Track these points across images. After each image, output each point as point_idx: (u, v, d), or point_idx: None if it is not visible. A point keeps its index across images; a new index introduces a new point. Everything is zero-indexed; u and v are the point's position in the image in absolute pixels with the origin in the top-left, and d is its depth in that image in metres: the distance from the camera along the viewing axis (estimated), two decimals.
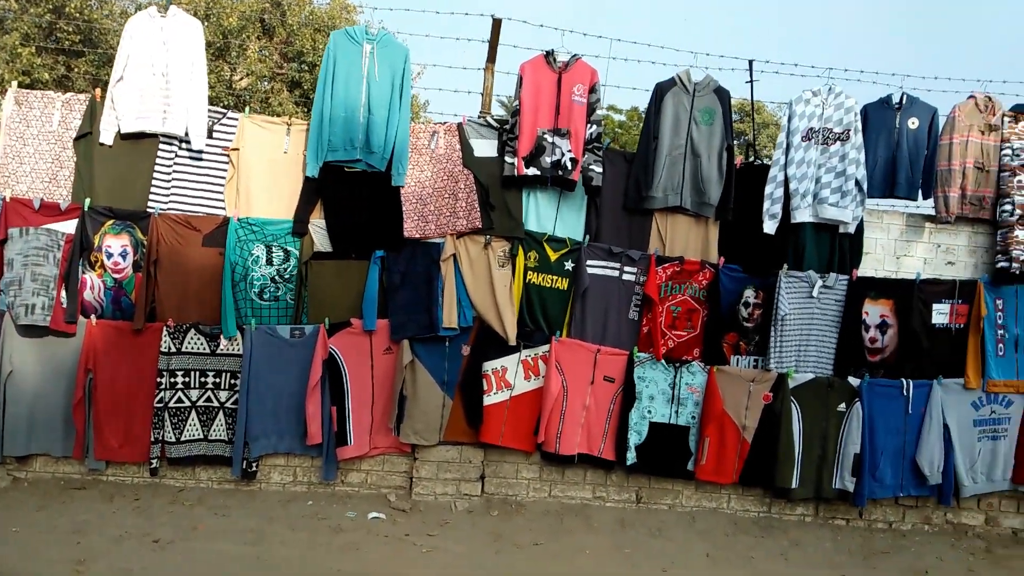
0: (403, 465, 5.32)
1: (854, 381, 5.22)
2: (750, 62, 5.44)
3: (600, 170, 5.18)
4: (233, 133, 5.11)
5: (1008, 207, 5.26)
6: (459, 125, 5.23)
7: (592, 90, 5.23)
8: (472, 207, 5.10)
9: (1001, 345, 5.31)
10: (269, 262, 5.03)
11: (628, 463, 5.21)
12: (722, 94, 5.29)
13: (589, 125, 5.19)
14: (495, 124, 5.25)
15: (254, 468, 5.07)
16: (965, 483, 5.33)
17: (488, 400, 5.19)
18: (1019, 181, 5.25)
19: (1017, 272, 5.19)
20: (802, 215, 5.21)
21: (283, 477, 5.21)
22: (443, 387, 5.17)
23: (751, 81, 5.47)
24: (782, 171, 5.24)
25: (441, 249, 5.10)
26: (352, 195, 5.03)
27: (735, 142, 5.48)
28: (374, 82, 4.98)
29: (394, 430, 5.12)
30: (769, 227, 5.21)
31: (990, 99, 5.39)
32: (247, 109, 5.31)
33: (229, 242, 4.94)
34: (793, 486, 5.19)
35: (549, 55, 5.19)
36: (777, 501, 5.42)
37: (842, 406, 5.20)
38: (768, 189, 5.22)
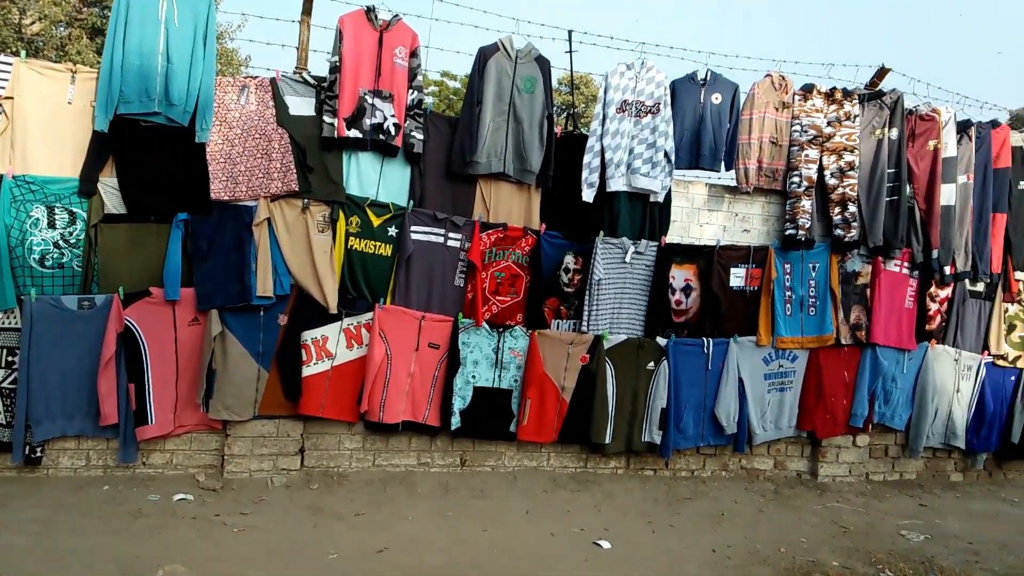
0: (213, 443, 5.03)
1: (662, 341, 5.55)
2: (569, 32, 5.54)
3: (422, 137, 5.10)
4: (6, 80, 4.51)
5: (796, 179, 5.76)
6: (272, 80, 4.92)
7: (413, 54, 5.12)
8: (288, 168, 4.85)
9: (789, 305, 5.85)
10: (51, 225, 4.52)
11: (453, 428, 5.25)
12: (543, 63, 5.36)
13: (411, 91, 5.09)
14: (312, 81, 5.00)
15: (39, 453, 4.60)
16: (757, 431, 5.85)
17: (308, 371, 5.01)
18: (807, 155, 5.75)
19: (803, 239, 5.70)
20: (616, 184, 5.42)
21: (74, 461, 4.76)
22: (257, 359, 4.92)
23: (570, 51, 5.58)
24: (599, 141, 5.41)
25: (254, 212, 4.82)
26: (150, 152, 4.59)
27: (562, 112, 5.57)
28: (173, 28, 4.56)
29: (202, 406, 4.81)
30: (587, 195, 5.37)
31: (783, 78, 5.84)
32: (23, 54, 4.68)
33: (3, 202, 4.38)
34: (607, 441, 5.46)
35: (370, 11, 5.00)
36: (592, 456, 5.71)
37: (651, 365, 5.52)
38: (586, 159, 5.38)
